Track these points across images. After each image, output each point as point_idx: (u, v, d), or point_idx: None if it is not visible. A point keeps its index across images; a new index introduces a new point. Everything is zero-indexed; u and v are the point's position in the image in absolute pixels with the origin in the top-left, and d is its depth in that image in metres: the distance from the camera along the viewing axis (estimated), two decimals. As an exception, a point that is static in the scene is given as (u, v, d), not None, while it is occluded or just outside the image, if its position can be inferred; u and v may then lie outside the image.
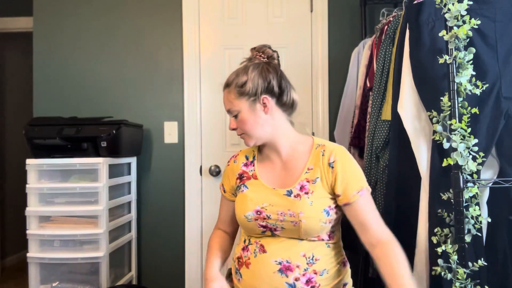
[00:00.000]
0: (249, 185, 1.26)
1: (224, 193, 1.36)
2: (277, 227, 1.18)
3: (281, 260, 1.16)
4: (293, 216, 1.15)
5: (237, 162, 1.33)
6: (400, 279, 1.05)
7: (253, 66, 1.23)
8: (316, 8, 2.50)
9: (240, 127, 1.23)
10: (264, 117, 1.22)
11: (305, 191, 1.17)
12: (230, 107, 1.23)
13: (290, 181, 1.21)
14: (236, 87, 1.21)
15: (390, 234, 1.15)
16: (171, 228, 2.52)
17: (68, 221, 2.07)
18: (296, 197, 1.17)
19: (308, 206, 1.15)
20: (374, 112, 1.78)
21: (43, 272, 2.07)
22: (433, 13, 1.39)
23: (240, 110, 1.21)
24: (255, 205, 1.20)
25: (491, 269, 1.33)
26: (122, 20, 2.56)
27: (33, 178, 2.08)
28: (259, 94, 1.20)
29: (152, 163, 2.55)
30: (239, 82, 1.21)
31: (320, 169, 1.19)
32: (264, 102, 1.21)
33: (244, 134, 1.24)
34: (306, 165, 1.21)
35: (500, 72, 1.31)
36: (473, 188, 1.22)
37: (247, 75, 1.21)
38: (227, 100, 1.24)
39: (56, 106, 2.55)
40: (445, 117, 1.26)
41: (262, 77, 1.21)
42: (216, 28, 2.55)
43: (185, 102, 2.53)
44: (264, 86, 1.21)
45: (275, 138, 1.24)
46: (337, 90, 2.45)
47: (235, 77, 1.22)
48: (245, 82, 1.20)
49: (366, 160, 1.82)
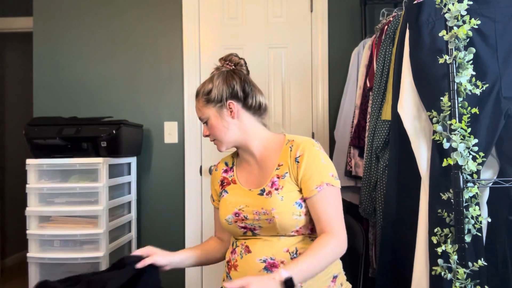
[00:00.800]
0: (228, 190, 1.31)
1: (213, 202, 1.40)
2: (255, 226, 1.22)
3: (265, 258, 1.19)
4: (266, 214, 1.18)
5: (218, 170, 1.38)
6: (299, 258, 1.10)
7: (217, 74, 1.30)
8: (316, 8, 2.50)
9: (211, 133, 1.29)
10: (232, 121, 1.26)
11: (275, 187, 1.21)
12: (200, 115, 1.29)
13: (263, 180, 1.25)
14: (203, 96, 1.27)
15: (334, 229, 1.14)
16: (171, 228, 2.52)
17: (68, 221, 2.07)
18: (268, 195, 1.20)
19: (279, 201, 1.18)
20: (374, 112, 1.78)
21: (43, 272, 2.07)
22: (433, 13, 1.38)
23: (208, 116, 1.27)
24: (233, 208, 1.24)
25: (491, 269, 1.32)
26: (122, 20, 2.57)
27: (33, 178, 2.08)
28: (225, 100, 1.26)
29: (152, 163, 2.55)
30: (205, 90, 1.27)
31: (288, 164, 1.22)
32: (230, 107, 1.26)
33: (215, 140, 1.29)
34: (277, 162, 1.25)
35: (500, 72, 1.31)
36: (473, 188, 1.22)
37: (212, 83, 1.28)
38: (197, 108, 1.30)
39: (56, 106, 2.55)
40: (445, 117, 1.26)
41: (226, 83, 1.27)
42: (216, 28, 2.55)
43: (185, 102, 2.53)
44: (228, 92, 1.26)
45: (246, 141, 1.28)
46: (337, 90, 2.45)
47: (201, 86, 1.30)
48: (211, 90, 1.26)
49: (366, 160, 1.82)
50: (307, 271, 1.07)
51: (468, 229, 1.22)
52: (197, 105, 1.30)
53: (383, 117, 1.72)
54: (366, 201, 1.83)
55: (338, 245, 1.13)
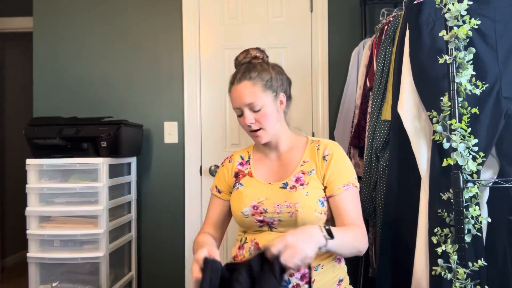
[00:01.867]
0: (243, 183, 1.30)
1: (219, 193, 1.37)
2: (274, 220, 1.21)
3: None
4: (289, 207, 1.18)
5: (233, 162, 1.37)
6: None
7: (270, 65, 1.29)
8: (316, 8, 2.50)
9: (260, 121, 1.23)
10: (281, 113, 1.28)
11: (301, 182, 1.22)
12: (254, 100, 1.22)
13: (285, 175, 1.26)
14: (262, 81, 1.23)
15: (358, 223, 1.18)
16: (171, 228, 2.52)
17: (68, 221, 2.07)
18: (292, 189, 1.21)
19: (303, 196, 1.19)
20: (374, 112, 1.78)
21: (43, 272, 2.07)
22: (433, 13, 1.38)
23: (264, 104, 1.23)
24: (251, 201, 1.23)
25: (491, 269, 1.32)
26: (122, 20, 2.57)
27: (33, 178, 2.08)
28: (278, 91, 1.27)
29: (152, 163, 2.55)
30: (264, 77, 1.24)
31: (315, 162, 1.24)
32: (281, 100, 1.27)
33: (261, 130, 1.24)
34: (302, 158, 1.27)
35: (500, 72, 1.31)
36: (473, 188, 1.22)
37: (269, 73, 1.26)
38: (251, 92, 1.22)
39: (56, 106, 2.55)
40: (445, 117, 1.26)
41: (280, 75, 1.28)
42: (216, 28, 2.55)
43: (185, 102, 2.53)
44: (281, 84, 1.28)
45: (279, 135, 1.29)
46: (337, 90, 2.45)
47: (256, 72, 1.24)
48: (270, 78, 1.25)
49: (366, 160, 1.82)
50: (341, 237, 1.08)
51: (468, 229, 1.22)
52: (251, 88, 1.22)
53: (383, 117, 1.72)
54: (366, 201, 1.83)
55: (363, 236, 1.16)
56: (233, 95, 1.26)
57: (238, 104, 1.24)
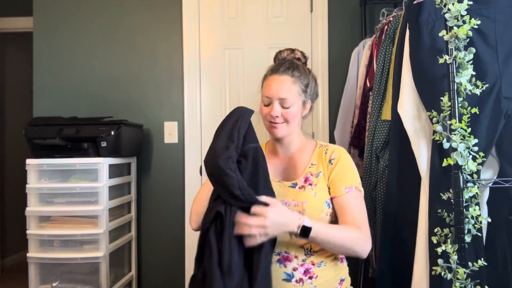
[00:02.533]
0: None
1: None
2: None
3: (279, 251, 1.21)
4: (297, 206, 1.21)
5: None
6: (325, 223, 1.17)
7: (312, 73, 1.32)
8: (316, 8, 2.50)
9: (286, 118, 1.26)
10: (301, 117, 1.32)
11: (309, 183, 1.25)
12: (289, 97, 1.24)
13: (294, 175, 1.28)
14: (302, 83, 1.27)
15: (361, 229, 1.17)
16: (171, 228, 2.52)
17: (68, 221, 2.07)
18: (301, 188, 1.24)
19: (312, 196, 1.22)
20: (374, 112, 1.78)
21: (43, 272, 2.07)
22: (433, 13, 1.39)
23: (293, 103, 1.25)
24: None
25: (491, 269, 1.33)
26: (122, 20, 2.57)
27: (33, 178, 2.08)
28: (308, 98, 1.30)
29: (152, 163, 2.55)
30: (303, 81, 1.27)
31: (322, 164, 1.27)
32: (307, 107, 1.32)
33: (283, 123, 1.27)
34: (310, 160, 1.29)
35: (500, 72, 1.31)
36: (473, 188, 1.22)
37: (309, 78, 1.30)
38: (289, 88, 1.25)
39: (56, 106, 2.55)
40: (445, 117, 1.26)
41: (315, 85, 1.33)
42: (216, 28, 2.55)
43: (185, 102, 2.53)
44: (313, 93, 1.32)
45: (292, 135, 1.32)
46: (337, 90, 2.45)
47: (300, 72, 1.27)
48: (308, 84, 1.29)
49: (366, 160, 1.82)
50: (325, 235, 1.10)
51: (468, 229, 1.22)
52: (290, 85, 1.25)
53: (383, 117, 1.72)
54: (366, 201, 1.83)
55: (361, 238, 1.16)
56: (270, 84, 1.26)
57: (272, 94, 1.25)
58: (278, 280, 1.19)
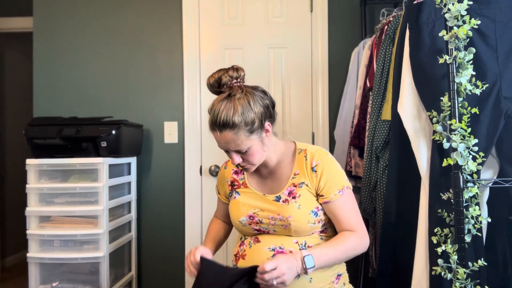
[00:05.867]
0: (240, 192, 1.32)
1: (219, 194, 1.44)
2: (269, 229, 1.25)
3: (274, 247, 1.22)
4: (282, 220, 1.21)
5: (228, 169, 1.38)
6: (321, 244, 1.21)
7: (250, 97, 1.16)
8: (316, 8, 2.50)
9: (248, 160, 1.20)
10: (268, 142, 1.22)
11: (293, 195, 1.23)
12: (239, 146, 1.15)
13: (278, 188, 1.26)
14: (246, 127, 1.13)
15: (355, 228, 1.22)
16: (171, 228, 2.52)
17: (68, 221, 2.07)
18: (285, 202, 1.22)
19: (296, 210, 1.20)
20: (374, 112, 1.78)
21: (43, 272, 2.07)
22: (433, 13, 1.38)
23: (249, 145, 1.16)
24: (247, 211, 1.26)
25: (491, 269, 1.33)
26: (122, 20, 2.57)
27: (33, 178, 2.08)
28: (264, 123, 1.18)
29: (152, 163, 2.55)
30: (247, 121, 1.13)
31: (305, 173, 1.24)
32: (267, 129, 1.20)
33: (249, 165, 1.22)
34: (293, 170, 1.26)
35: (500, 72, 1.31)
36: (473, 188, 1.22)
37: (252, 110, 1.14)
38: (234, 140, 1.14)
39: (56, 106, 2.55)
40: (445, 117, 1.26)
41: (263, 105, 1.17)
42: (216, 28, 2.55)
43: (185, 102, 2.53)
44: (265, 114, 1.18)
45: (268, 156, 1.26)
46: (337, 90, 2.45)
47: (238, 116, 1.12)
48: (254, 119, 1.14)
49: (366, 160, 1.82)
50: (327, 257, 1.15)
51: (468, 229, 1.22)
52: (234, 139, 1.14)
53: (383, 117, 1.72)
54: (366, 201, 1.83)
55: (359, 241, 1.20)
56: (216, 139, 1.18)
57: (223, 148, 1.19)
58: None
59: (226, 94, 1.17)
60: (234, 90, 1.17)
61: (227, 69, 1.21)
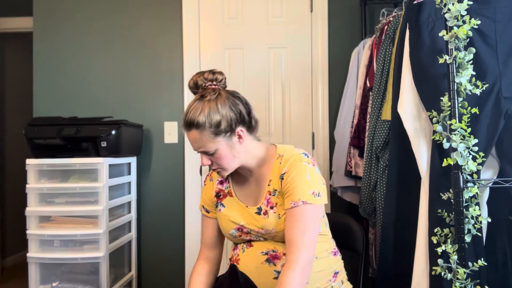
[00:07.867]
0: (225, 204, 1.29)
1: (208, 213, 1.35)
2: (259, 238, 1.25)
3: (267, 250, 1.22)
4: (267, 233, 1.21)
5: (213, 180, 1.34)
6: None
7: (220, 100, 1.16)
8: (316, 8, 2.50)
9: (216, 163, 1.19)
10: (240, 147, 1.19)
11: (271, 205, 1.21)
12: (206, 149, 1.16)
13: (259, 197, 1.24)
14: (211, 128, 1.13)
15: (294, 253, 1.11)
16: (171, 228, 2.52)
17: (68, 221, 2.07)
18: (265, 215, 1.21)
19: (276, 220, 1.19)
20: (374, 112, 1.78)
21: (43, 272, 2.07)
22: (433, 13, 1.38)
23: (217, 147, 1.16)
24: (235, 224, 1.25)
25: (491, 269, 1.32)
26: (122, 20, 2.57)
27: (33, 178, 2.08)
28: (234, 128, 1.17)
29: (152, 163, 2.55)
30: (212, 122, 1.13)
31: (276, 180, 1.21)
32: (239, 135, 1.18)
33: (220, 168, 1.21)
34: (269, 177, 1.23)
35: (500, 72, 1.31)
36: (473, 188, 1.22)
37: (218, 112, 1.14)
38: (200, 140, 1.15)
39: (56, 106, 2.55)
40: (445, 117, 1.26)
41: (233, 110, 1.16)
42: (216, 28, 2.55)
43: (185, 102, 2.53)
44: (236, 119, 1.17)
45: (246, 162, 1.23)
46: (337, 90, 2.45)
47: (204, 116, 1.13)
48: (220, 121, 1.14)
49: (366, 160, 1.82)
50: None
51: (468, 229, 1.22)
52: (199, 138, 1.15)
53: (383, 117, 1.72)
54: (366, 201, 1.83)
55: (299, 276, 1.09)
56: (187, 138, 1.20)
57: (192, 147, 1.20)
58: (269, 279, 1.19)
59: (199, 95, 1.18)
60: (207, 92, 1.17)
61: (204, 72, 1.21)
